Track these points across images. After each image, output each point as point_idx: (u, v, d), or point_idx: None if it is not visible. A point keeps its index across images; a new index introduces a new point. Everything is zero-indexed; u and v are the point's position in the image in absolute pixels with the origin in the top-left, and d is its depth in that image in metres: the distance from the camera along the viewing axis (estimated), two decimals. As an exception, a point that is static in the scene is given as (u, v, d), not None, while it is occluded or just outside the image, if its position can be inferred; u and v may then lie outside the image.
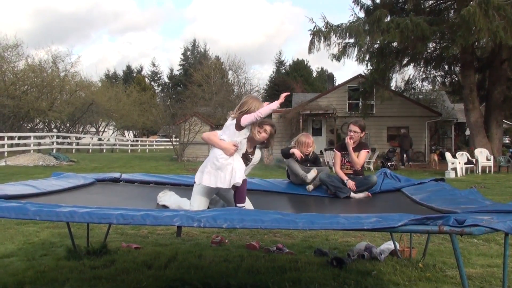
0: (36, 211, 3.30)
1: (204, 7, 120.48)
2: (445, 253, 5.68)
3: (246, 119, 4.26)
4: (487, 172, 18.96)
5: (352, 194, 5.48)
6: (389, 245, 5.62)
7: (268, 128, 4.73)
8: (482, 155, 19.39)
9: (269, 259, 5.38)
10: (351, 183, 5.53)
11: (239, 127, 4.28)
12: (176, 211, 3.48)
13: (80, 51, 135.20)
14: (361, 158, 5.81)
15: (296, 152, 5.74)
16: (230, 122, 4.37)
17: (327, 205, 5.27)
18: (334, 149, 6.25)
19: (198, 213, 3.36)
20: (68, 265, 5.04)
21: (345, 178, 5.63)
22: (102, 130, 51.03)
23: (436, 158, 22.92)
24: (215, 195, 4.68)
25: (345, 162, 5.85)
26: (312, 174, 5.67)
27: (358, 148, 5.84)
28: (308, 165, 5.83)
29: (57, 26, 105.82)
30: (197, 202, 4.39)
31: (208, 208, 4.40)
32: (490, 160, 19.30)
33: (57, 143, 31.91)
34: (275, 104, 4.36)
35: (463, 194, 4.42)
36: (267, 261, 5.26)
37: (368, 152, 6.07)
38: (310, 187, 5.69)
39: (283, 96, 4.57)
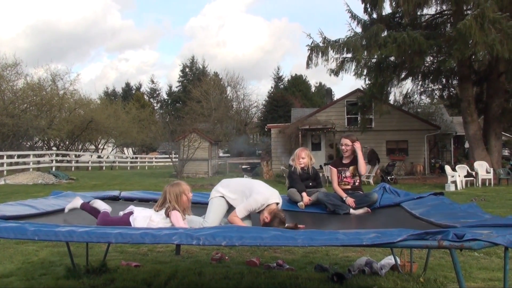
0: (34, 231, 3.30)
1: (201, 24, 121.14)
2: (446, 267, 5.66)
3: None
4: (487, 184, 18.93)
5: (352, 211, 5.49)
6: (389, 260, 5.59)
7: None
8: (482, 168, 19.37)
9: (270, 275, 5.36)
10: (350, 200, 5.56)
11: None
12: (175, 229, 3.48)
13: (79, 68, 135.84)
14: (363, 167, 6.03)
15: (304, 199, 5.87)
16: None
17: (326, 221, 5.26)
18: (329, 166, 6.29)
19: (197, 231, 3.35)
20: (67, 284, 5.02)
21: (343, 195, 5.66)
22: (102, 147, 51.00)
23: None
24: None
25: (342, 178, 5.91)
26: (302, 203, 5.84)
27: (352, 161, 6.02)
28: (310, 184, 5.94)
29: (55, 44, 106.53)
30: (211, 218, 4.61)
31: None
32: (490, 172, 19.26)
33: (57, 161, 31.90)
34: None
35: (462, 208, 4.41)
36: (267, 278, 5.24)
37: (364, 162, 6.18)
38: (301, 204, 5.81)
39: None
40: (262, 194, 4.64)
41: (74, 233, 3.27)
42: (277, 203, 4.67)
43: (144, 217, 4.30)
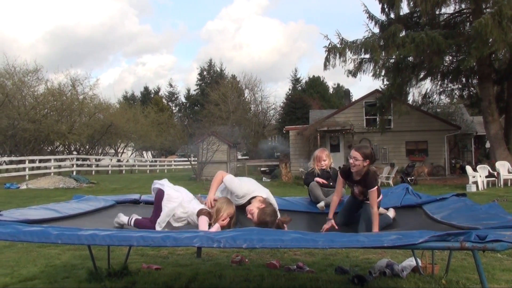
0: (58, 235, 3.34)
1: (218, 28, 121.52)
2: (468, 269, 5.59)
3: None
4: (509, 185, 18.65)
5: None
6: (411, 262, 5.55)
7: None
8: (504, 168, 19.11)
9: (290, 278, 5.35)
10: (327, 226, 4.92)
11: None
12: (196, 232, 3.50)
13: (98, 73, 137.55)
14: (373, 200, 4.77)
15: (319, 180, 5.79)
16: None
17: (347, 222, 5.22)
18: (338, 172, 5.33)
19: (217, 234, 3.37)
20: (89, 287, 5.07)
21: (330, 215, 5.05)
22: (121, 151, 51.43)
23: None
24: None
25: (353, 192, 5.13)
26: (322, 204, 5.74)
27: (363, 182, 4.93)
28: (331, 183, 5.83)
29: (74, 50, 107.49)
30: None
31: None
32: (511, 172, 19.02)
33: (77, 165, 32.24)
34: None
35: (484, 209, 4.35)
36: (287, 280, 5.23)
37: (376, 189, 4.83)
38: (322, 206, 5.72)
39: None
40: (247, 185, 4.70)
41: (97, 236, 3.30)
42: (264, 197, 4.63)
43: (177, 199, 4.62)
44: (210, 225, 4.38)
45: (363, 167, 4.85)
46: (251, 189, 4.64)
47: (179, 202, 4.60)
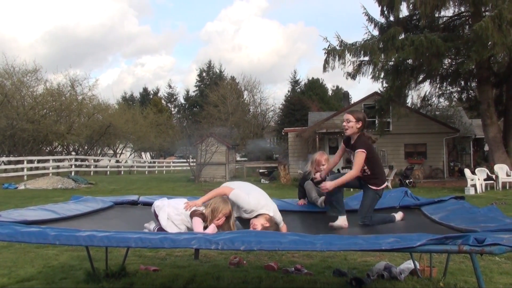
0: (56, 236, 3.34)
1: (217, 29, 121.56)
2: (466, 272, 5.59)
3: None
4: (507, 188, 18.68)
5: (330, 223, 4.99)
6: (409, 265, 5.55)
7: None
8: (502, 171, 19.12)
9: (288, 280, 5.35)
10: (320, 200, 5.48)
11: None
12: (194, 234, 3.50)
13: (97, 74, 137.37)
14: (355, 161, 4.69)
15: (317, 175, 5.59)
16: None
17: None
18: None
19: (215, 235, 3.37)
20: (87, 288, 5.07)
21: (322, 175, 5.16)
22: (120, 152, 51.40)
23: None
24: None
25: (350, 160, 5.11)
26: (320, 200, 5.71)
27: (355, 146, 4.81)
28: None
29: (73, 50, 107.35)
30: None
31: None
32: (510, 175, 19.01)
33: (76, 166, 32.21)
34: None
35: (482, 212, 4.36)
36: (285, 282, 5.24)
37: (363, 152, 4.69)
38: (321, 202, 5.70)
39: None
40: (256, 199, 4.53)
41: (95, 237, 3.30)
42: (271, 216, 4.47)
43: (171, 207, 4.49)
44: (206, 227, 4.33)
45: (357, 130, 4.82)
46: (260, 205, 4.45)
47: (165, 203, 4.54)
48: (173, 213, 4.42)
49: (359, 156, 4.66)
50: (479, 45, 17.70)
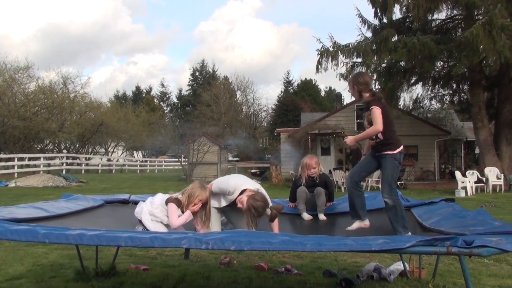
0: (45, 234, 3.33)
1: (211, 29, 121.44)
2: (455, 274, 5.62)
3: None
4: (497, 190, 18.81)
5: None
6: (398, 266, 5.57)
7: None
8: (492, 174, 19.25)
9: (278, 280, 5.36)
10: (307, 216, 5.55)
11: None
12: (185, 233, 3.49)
13: (90, 72, 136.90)
14: (373, 118, 4.43)
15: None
16: None
17: (335, 225, 5.25)
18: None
19: (206, 235, 3.37)
20: (76, 287, 5.05)
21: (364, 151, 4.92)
22: (112, 150, 51.25)
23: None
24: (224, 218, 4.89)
25: (364, 125, 4.73)
26: (307, 216, 5.63)
27: (368, 105, 4.53)
28: (314, 192, 5.73)
29: (66, 48, 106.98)
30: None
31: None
32: (500, 178, 19.15)
33: (67, 164, 32.11)
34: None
35: (472, 214, 4.39)
36: (275, 283, 5.24)
37: (378, 108, 4.42)
38: (308, 218, 5.62)
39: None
40: (234, 180, 4.69)
41: (85, 236, 3.29)
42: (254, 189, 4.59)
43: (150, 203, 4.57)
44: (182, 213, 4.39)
45: (368, 93, 4.56)
46: (239, 183, 4.62)
47: (142, 205, 4.56)
48: (151, 209, 4.46)
49: (375, 113, 4.40)
50: (469, 50, 17.83)
